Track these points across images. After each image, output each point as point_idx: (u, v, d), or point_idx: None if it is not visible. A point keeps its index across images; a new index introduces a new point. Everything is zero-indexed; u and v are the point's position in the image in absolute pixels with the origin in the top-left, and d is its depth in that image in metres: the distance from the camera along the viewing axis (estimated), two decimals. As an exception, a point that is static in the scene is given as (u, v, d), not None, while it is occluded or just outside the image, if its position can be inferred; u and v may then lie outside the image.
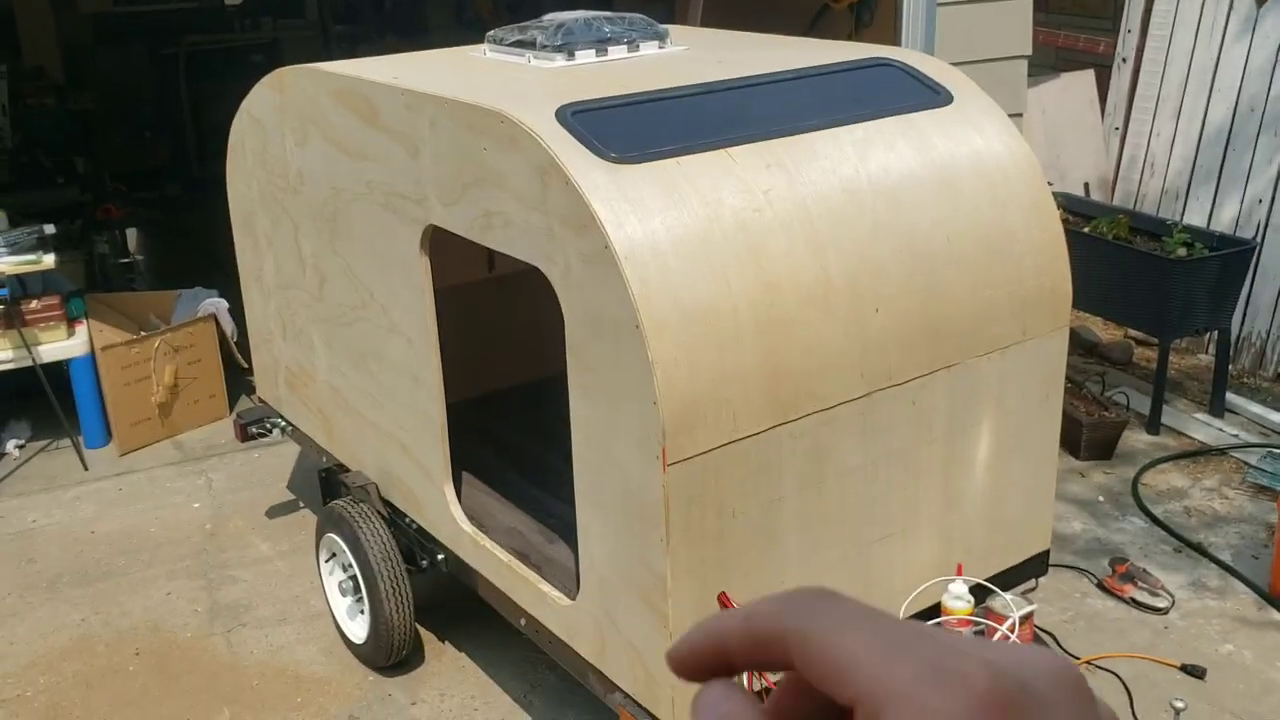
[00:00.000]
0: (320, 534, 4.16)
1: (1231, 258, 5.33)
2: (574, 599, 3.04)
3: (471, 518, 3.53)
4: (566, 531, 3.31)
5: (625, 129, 2.81)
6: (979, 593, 3.18)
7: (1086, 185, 7.02)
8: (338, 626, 4.14)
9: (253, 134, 4.14)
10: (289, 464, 5.39)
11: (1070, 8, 7.97)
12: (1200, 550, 4.54)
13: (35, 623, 4.35)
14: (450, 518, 3.51)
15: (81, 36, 9.63)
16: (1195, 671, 3.83)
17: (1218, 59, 6.42)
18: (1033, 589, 3.61)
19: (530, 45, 3.49)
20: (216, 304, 5.94)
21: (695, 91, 3.04)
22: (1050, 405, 3.37)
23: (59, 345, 5.43)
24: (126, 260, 7.20)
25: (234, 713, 3.84)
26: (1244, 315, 6.10)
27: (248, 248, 4.49)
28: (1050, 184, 3.29)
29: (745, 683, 0.45)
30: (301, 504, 5.07)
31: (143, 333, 5.68)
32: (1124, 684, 3.75)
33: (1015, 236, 3.13)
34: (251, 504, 5.11)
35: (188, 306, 5.99)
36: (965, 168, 3.09)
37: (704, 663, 0.43)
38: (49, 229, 5.40)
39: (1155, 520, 4.75)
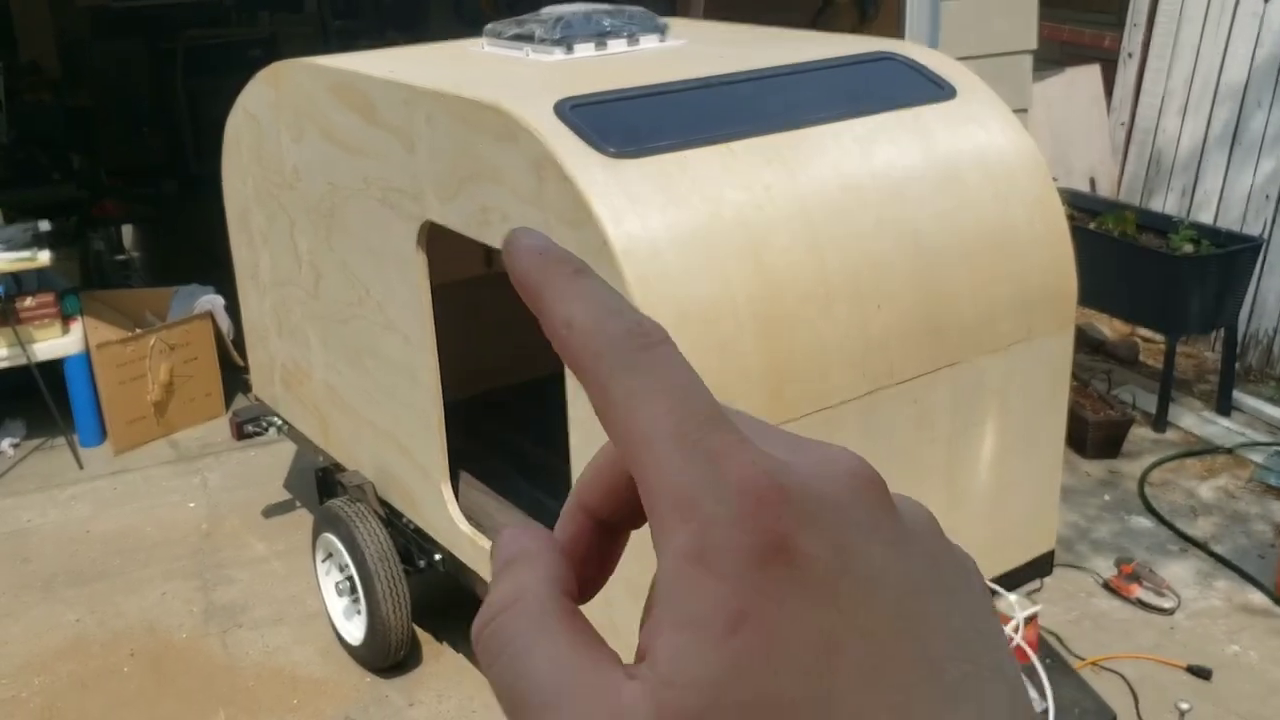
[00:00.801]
0: (317, 534, 4.12)
1: (1238, 254, 5.28)
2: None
3: (469, 517, 3.48)
4: (565, 532, 3.26)
5: (624, 123, 2.76)
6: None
7: (1092, 181, 6.97)
8: (334, 627, 4.10)
9: (248, 130, 4.10)
10: (285, 463, 5.34)
11: (1076, 2, 7.91)
12: (1206, 549, 4.49)
13: (30, 623, 4.31)
14: (448, 517, 3.47)
15: (78, 31, 9.59)
16: (1201, 672, 3.78)
17: (1224, 53, 6.37)
18: (1037, 589, 3.56)
19: (528, 39, 3.44)
20: (213, 301, 5.90)
21: (695, 86, 3.00)
22: (1056, 404, 3.32)
23: (54, 343, 5.39)
24: (122, 257, 7.18)
25: (229, 714, 3.80)
26: (1251, 312, 6.05)
27: (243, 244, 4.44)
28: (1055, 180, 3.24)
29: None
30: (298, 503, 5.03)
31: (138, 330, 5.64)
32: (1129, 685, 3.71)
33: (1020, 233, 3.08)
34: (247, 503, 5.07)
35: (184, 304, 5.94)
36: (969, 163, 3.05)
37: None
38: (44, 226, 5.36)
39: (1161, 519, 4.70)
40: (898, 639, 0.31)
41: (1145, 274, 5.34)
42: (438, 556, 3.61)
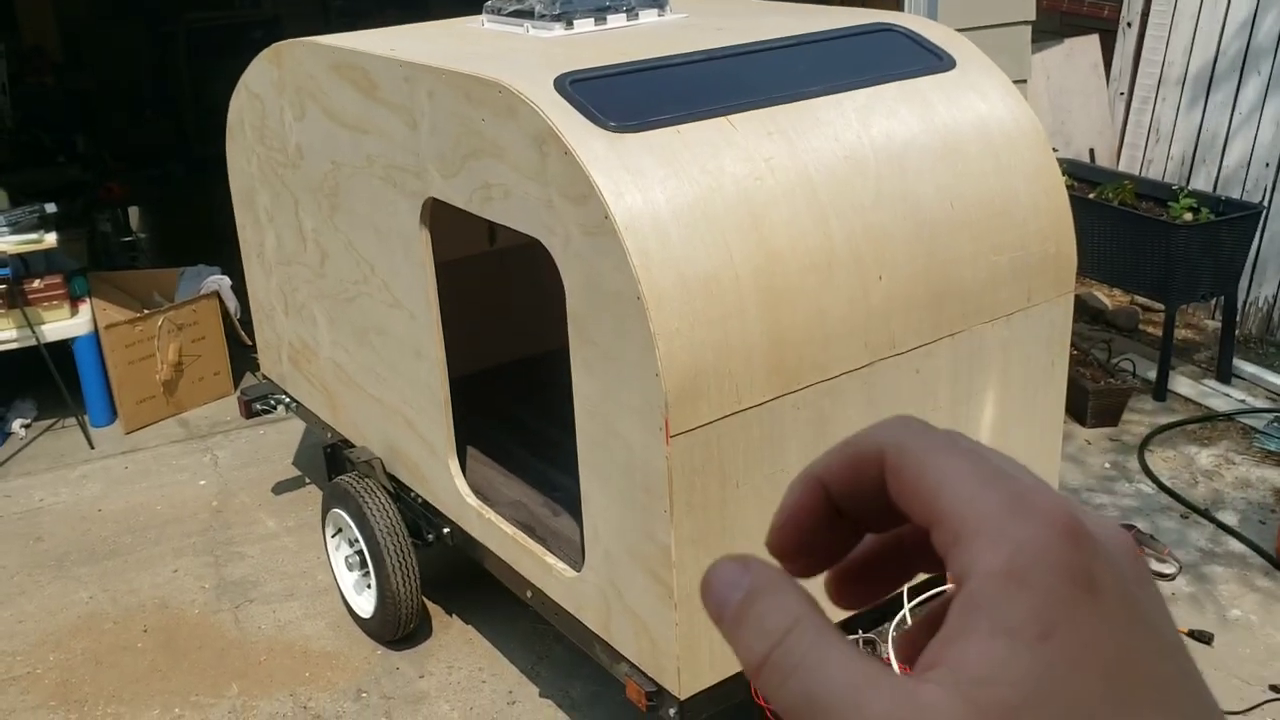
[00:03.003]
0: (326, 509, 4.16)
1: (1238, 222, 5.29)
2: (579, 571, 3.04)
3: (476, 491, 3.52)
4: (571, 504, 3.31)
5: (624, 98, 2.78)
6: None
7: (1092, 151, 6.98)
8: (345, 601, 4.15)
9: (251, 109, 4.12)
10: (294, 440, 5.39)
11: (1075, -28, 7.89)
12: (1207, 516, 4.53)
13: (44, 600, 4.36)
14: (455, 492, 3.51)
15: (80, 14, 9.59)
16: (1202, 637, 3.83)
17: (1224, 23, 6.36)
18: (1039, 556, 3.59)
19: (528, 15, 3.46)
20: (219, 281, 5.94)
21: (695, 59, 3.02)
22: (1056, 373, 3.35)
23: (62, 324, 5.43)
24: (129, 238, 7.20)
25: (242, 687, 3.85)
26: (1250, 280, 6.07)
27: (249, 224, 4.47)
28: (1055, 150, 3.26)
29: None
30: (307, 480, 5.08)
31: (146, 311, 5.67)
32: (1131, 650, 3.75)
33: (1020, 202, 3.11)
34: (257, 480, 5.12)
35: (190, 284, 5.98)
36: (969, 133, 3.07)
37: (806, 518, 0.45)
38: (50, 208, 5.39)
39: (1162, 487, 4.74)
40: (1161, 661, 0.37)
41: (1145, 243, 5.35)
42: (446, 530, 3.65)
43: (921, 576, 0.47)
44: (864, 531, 0.47)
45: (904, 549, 0.47)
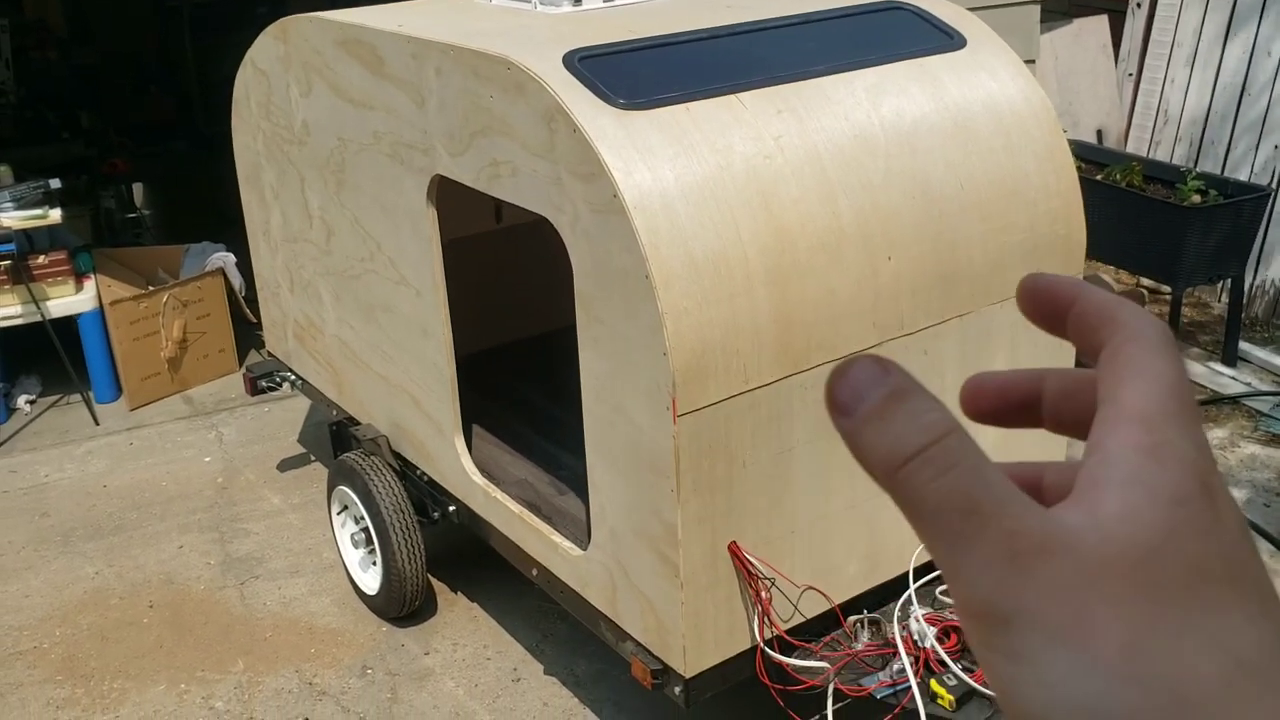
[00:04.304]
0: (332, 487, 4.17)
1: (1246, 205, 5.27)
2: (585, 549, 3.04)
3: (482, 470, 3.52)
4: (577, 483, 3.31)
5: (633, 75, 2.77)
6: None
7: (1099, 132, 6.95)
8: (350, 578, 4.16)
9: (257, 85, 4.11)
10: (299, 417, 5.39)
11: (1084, -49, 7.84)
12: (1212, 499, 4.53)
13: (50, 576, 4.38)
14: (461, 470, 3.51)
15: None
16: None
17: (1234, 3, 6.32)
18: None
19: (536, -9, 3.44)
20: (224, 258, 5.93)
21: (704, 36, 3.00)
22: (1063, 354, 3.35)
23: (67, 300, 5.43)
24: (133, 215, 7.19)
25: (248, 663, 3.86)
26: (1258, 263, 6.05)
27: (254, 201, 4.46)
28: (1064, 131, 3.25)
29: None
30: (313, 457, 5.08)
31: (151, 288, 5.67)
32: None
33: (1029, 182, 3.09)
34: (262, 457, 5.13)
35: (195, 261, 5.97)
36: (979, 112, 3.05)
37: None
38: (55, 184, 5.37)
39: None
40: (1259, 565, 0.41)
41: (1152, 225, 5.34)
42: (451, 508, 3.66)
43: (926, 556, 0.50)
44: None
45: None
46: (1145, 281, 6.28)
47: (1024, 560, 0.39)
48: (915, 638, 2.94)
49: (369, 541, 3.96)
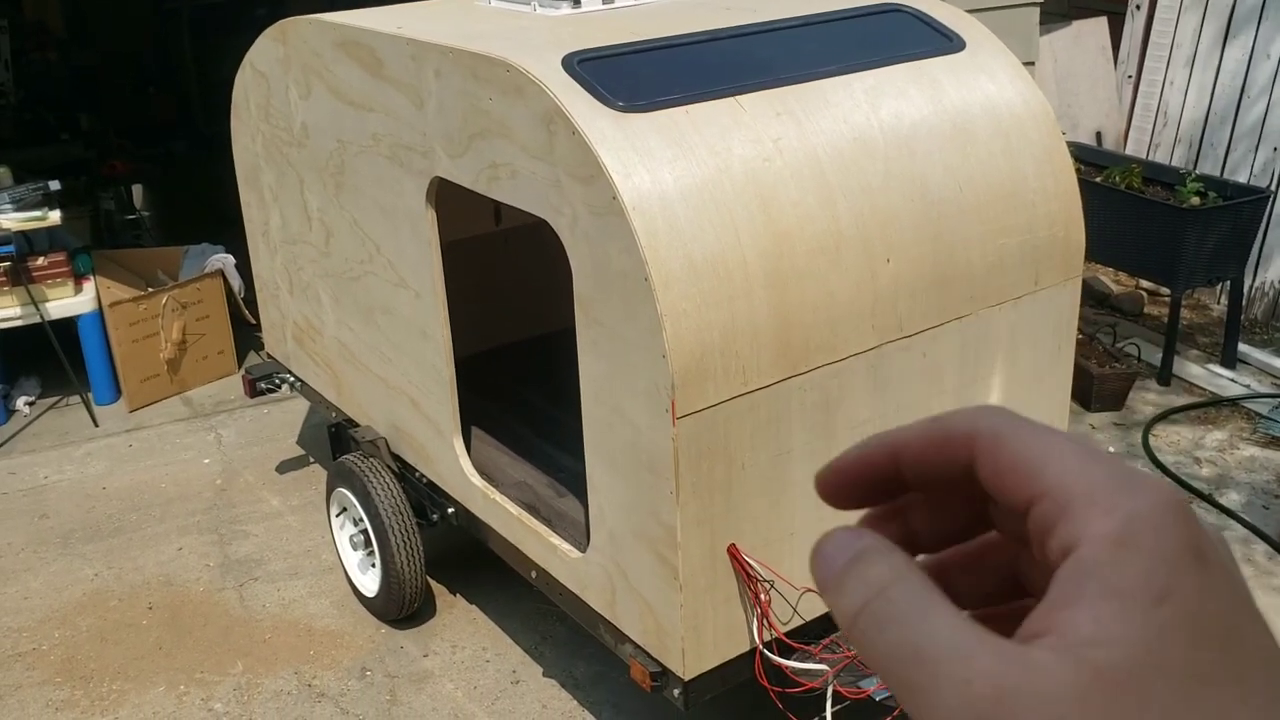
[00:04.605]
0: (331, 489, 4.17)
1: (1245, 207, 5.27)
2: (584, 551, 3.04)
3: (481, 472, 3.53)
4: (576, 485, 3.31)
5: (633, 77, 2.77)
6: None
7: (1099, 134, 6.95)
8: (349, 580, 4.16)
9: (256, 87, 4.11)
10: (298, 419, 5.39)
11: (1083, -47, 7.84)
12: (1210, 501, 4.53)
13: (49, 577, 4.37)
14: (460, 472, 3.51)
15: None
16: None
17: (1233, 5, 6.33)
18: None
19: (536, -6, 3.44)
20: (224, 260, 5.93)
21: (704, 38, 3.00)
22: (1062, 357, 3.35)
23: (67, 302, 5.43)
24: (132, 216, 7.19)
25: (247, 665, 3.86)
26: (1257, 265, 6.06)
27: (253, 203, 4.46)
28: (1063, 133, 3.25)
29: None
30: (311, 459, 5.08)
31: (150, 289, 5.67)
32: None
33: (1028, 184, 3.10)
34: (262, 459, 5.13)
35: (195, 262, 5.97)
36: (978, 115, 3.05)
37: (867, 471, 0.46)
38: (54, 185, 5.37)
39: (1166, 471, 4.74)
40: (1263, 634, 0.38)
41: (1151, 227, 5.34)
42: (450, 510, 3.66)
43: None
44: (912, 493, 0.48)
45: (984, 560, 0.47)
46: (1144, 283, 6.28)
47: (986, 710, 0.36)
48: (914, 640, 2.93)
49: (368, 543, 3.96)
